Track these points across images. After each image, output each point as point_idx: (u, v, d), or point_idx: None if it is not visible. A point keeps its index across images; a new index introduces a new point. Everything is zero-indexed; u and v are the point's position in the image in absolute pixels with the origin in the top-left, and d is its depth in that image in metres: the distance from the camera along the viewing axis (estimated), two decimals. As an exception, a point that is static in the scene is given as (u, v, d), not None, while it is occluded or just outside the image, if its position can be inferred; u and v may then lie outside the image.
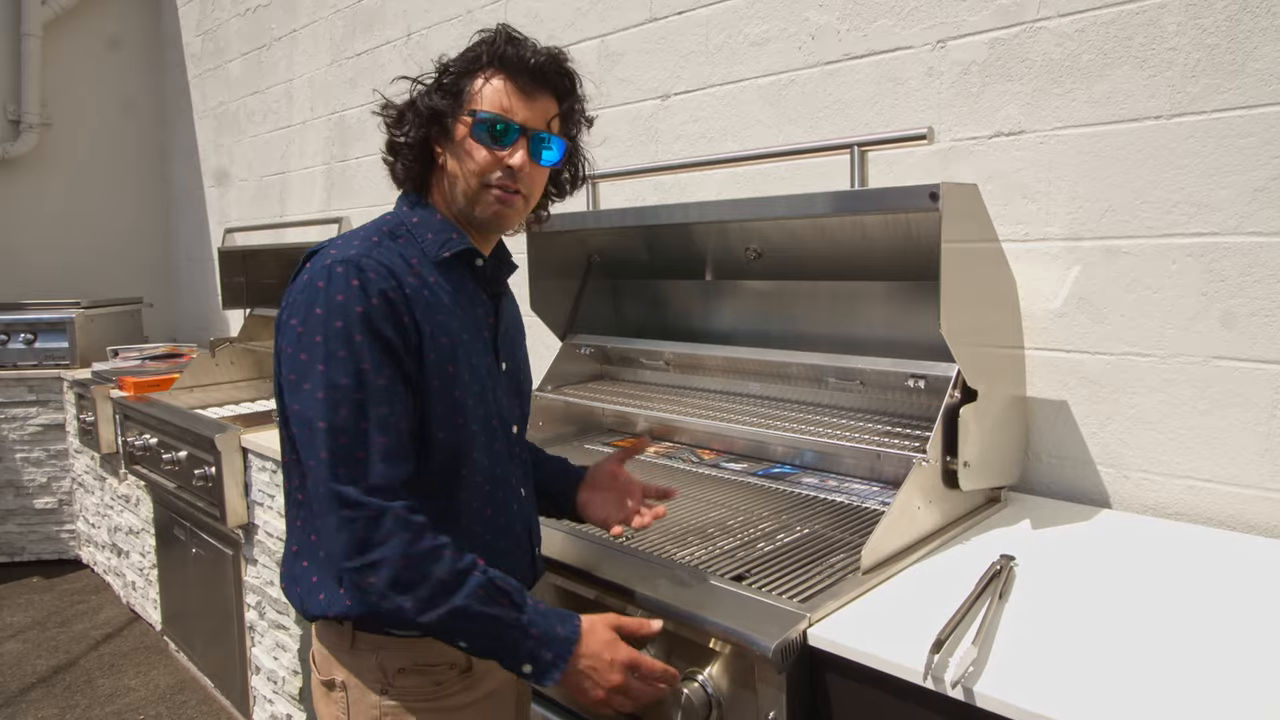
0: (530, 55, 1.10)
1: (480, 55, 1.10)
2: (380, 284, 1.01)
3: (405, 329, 1.02)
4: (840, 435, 1.60)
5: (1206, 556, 1.30)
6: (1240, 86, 1.38)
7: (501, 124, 1.08)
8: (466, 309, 1.12)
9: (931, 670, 0.95)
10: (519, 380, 1.23)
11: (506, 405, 1.18)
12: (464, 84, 1.10)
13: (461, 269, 1.14)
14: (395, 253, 1.08)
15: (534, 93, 1.10)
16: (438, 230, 1.13)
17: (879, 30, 1.81)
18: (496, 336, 1.17)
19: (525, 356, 1.30)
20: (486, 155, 1.08)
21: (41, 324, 4.10)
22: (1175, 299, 1.47)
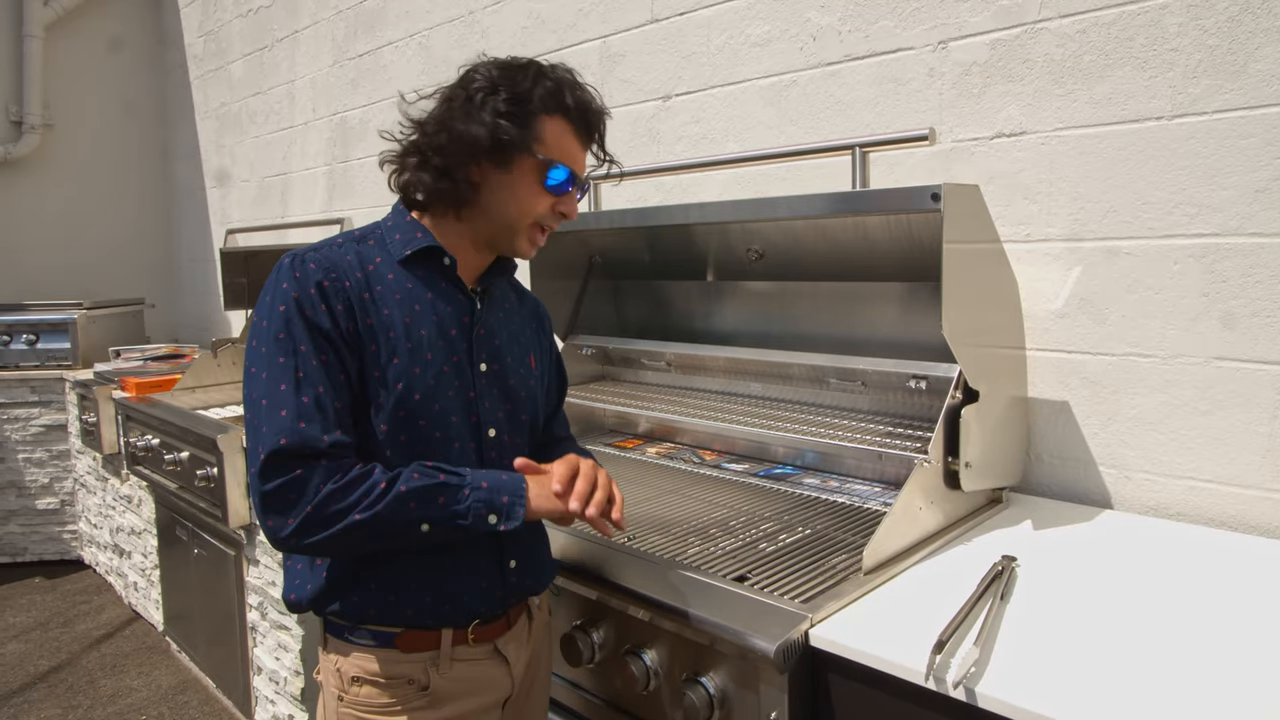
0: (594, 114, 1.14)
1: (556, 98, 1.09)
2: (317, 276, 1.05)
3: (338, 318, 1.05)
4: (842, 436, 1.61)
5: (1208, 557, 1.31)
6: (1242, 87, 1.38)
7: (569, 176, 1.12)
8: (430, 306, 1.12)
9: (933, 671, 0.95)
10: (508, 385, 1.19)
11: (486, 407, 1.16)
12: (534, 119, 1.09)
13: (430, 268, 1.14)
14: (353, 252, 1.11)
15: (587, 144, 1.16)
16: (405, 230, 1.15)
17: (880, 31, 1.81)
18: (473, 336, 1.16)
19: (528, 366, 1.25)
20: (548, 200, 1.13)
21: (44, 325, 4.11)
22: (1177, 300, 1.47)
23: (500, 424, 1.18)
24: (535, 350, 1.29)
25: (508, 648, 1.18)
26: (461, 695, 1.13)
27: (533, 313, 1.33)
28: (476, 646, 1.14)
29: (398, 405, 1.07)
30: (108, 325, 4.32)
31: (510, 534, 1.11)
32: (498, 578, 1.15)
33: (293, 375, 1.02)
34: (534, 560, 1.22)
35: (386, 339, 1.07)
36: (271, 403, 1.01)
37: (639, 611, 1.22)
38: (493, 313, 1.21)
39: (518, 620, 1.20)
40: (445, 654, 1.11)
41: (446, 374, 1.11)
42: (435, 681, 1.11)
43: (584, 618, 1.31)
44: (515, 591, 1.18)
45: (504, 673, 1.17)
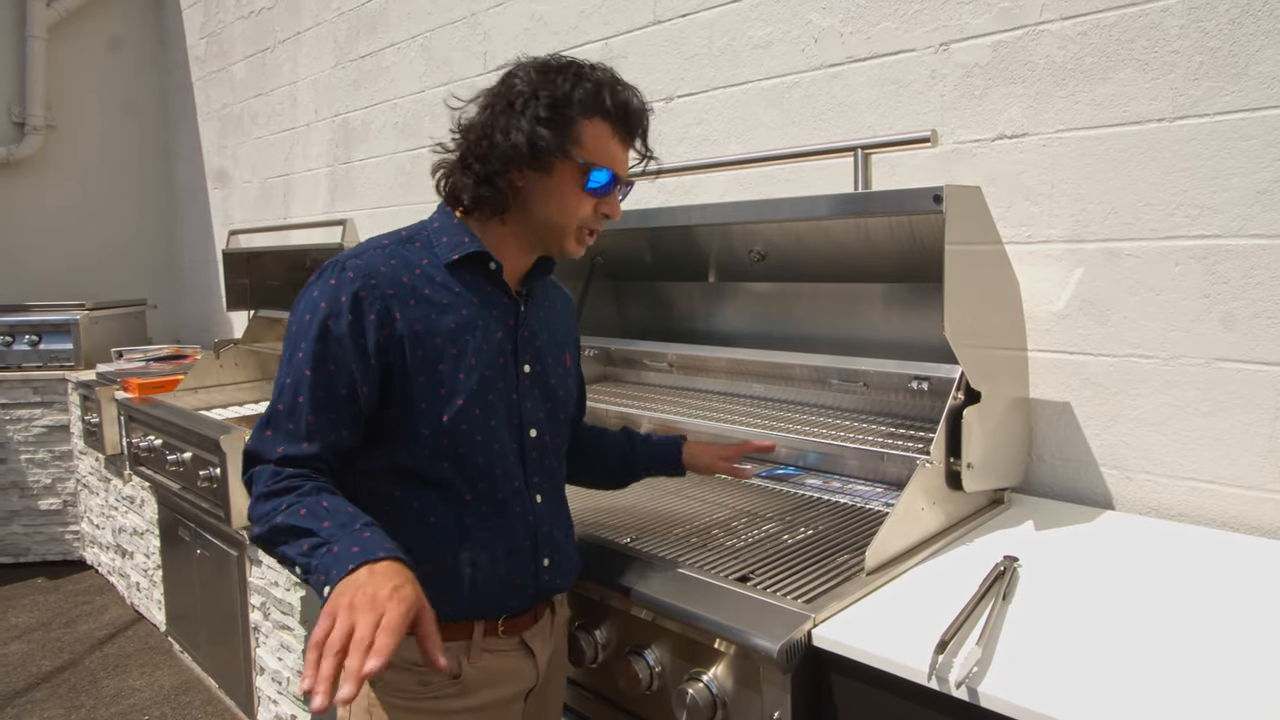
0: (636, 114, 1.14)
1: (600, 99, 1.09)
2: (354, 285, 1.06)
3: (367, 328, 1.05)
4: (844, 437, 1.61)
5: (1210, 558, 1.31)
6: (1243, 89, 1.38)
7: (611, 178, 1.12)
8: (476, 310, 1.13)
9: (936, 670, 0.96)
10: (549, 385, 1.21)
11: (528, 407, 1.17)
12: (574, 123, 1.09)
13: (476, 272, 1.15)
14: (398, 255, 1.11)
15: (628, 144, 1.16)
16: (452, 234, 1.15)
17: (882, 33, 1.81)
18: (517, 339, 1.17)
19: (565, 364, 1.27)
20: (591, 203, 1.13)
21: (46, 325, 4.11)
22: (1178, 301, 1.47)
23: (541, 424, 1.19)
24: (571, 347, 1.31)
25: (534, 640, 1.20)
26: (490, 685, 1.15)
27: (566, 307, 1.34)
28: (505, 638, 1.17)
29: (442, 410, 1.08)
30: (110, 326, 4.33)
31: (546, 534, 1.17)
32: (532, 577, 1.17)
33: (283, 381, 1.07)
34: (566, 560, 1.23)
35: (432, 345, 1.08)
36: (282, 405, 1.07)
37: (642, 612, 1.22)
38: (535, 313, 1.22)
39: (544, 614, 1.22)
40: (477, 644, 1.13)
41: (490, 377, 1.12)
42: (466, 670, 1.13)
43: (587, 618, 1.31)
44: (546, 589, 1.20)
45: (530, 664, 1.20)
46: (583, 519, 1.52)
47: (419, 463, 1.10)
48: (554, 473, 1.23)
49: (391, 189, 3.32)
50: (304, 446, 1.05)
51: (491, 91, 1.13)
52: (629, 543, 1.40)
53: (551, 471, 1.22)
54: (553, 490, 1.23)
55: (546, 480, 1.21)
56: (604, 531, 1.46)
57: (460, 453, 1.10)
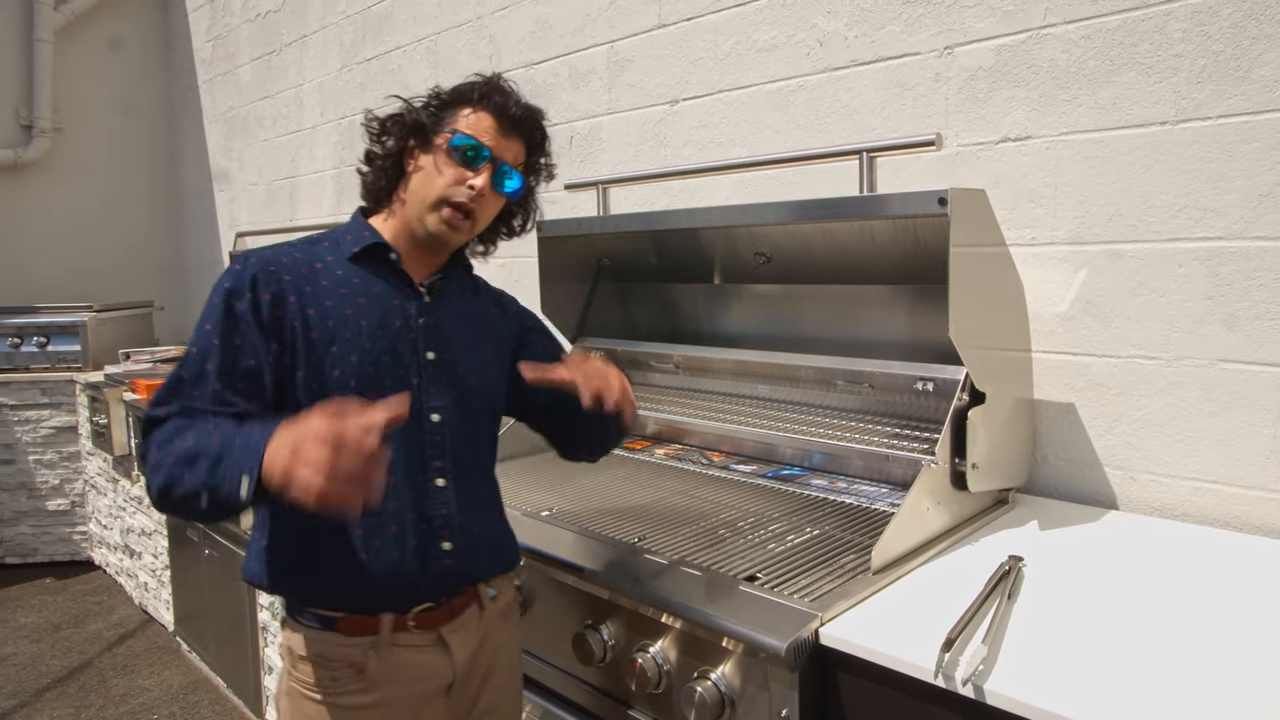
0: (514, 104, 1.23)
1: (472, 92, 1.22)
2: (252, 270, 1.14)
3: (262, 305, 1.12)
4: (849, 437, 1.62)
5: (1213, 558, 1.32)
6: (1245, 93, 1.39)
7: (475, 148, 1.19)
8: (375, 299, 1.19)
9: (942, 668, 0.97)
10: (457, 372, 1.23)
11: (431, 393, 1.20)
12: (450, 111, 1.21)
13: (378, 264, 1.21)
14: (304, 250, 1.20)
15: (510, 135, 1.23)
16: (356, 231, 1.24)
17: (886, 36, 1.83)
18: (420, 327, 1.21)
19: (483, 355, 1.29)
20: (454, 172, 1.18)
21: (54, 327, 4.14)
22: (1181, 302, 1.48)
23: (446, 409, 1.22)
24: (493, 341, 1.32)
25: (452, 636, 1.20)
26: (397, 680, 1.16)
27: (493, 304, 1.37)
28: (418, 633, 1.17)
29: (332, 391, 1.13)
30: (117, 328, 4.35)
31: (446, 517, 1.18)
32: (432, 559, 1.17)
33: (189, 352, 1.11)
34: (478, 546, 1.23)
35: (324, 328, 1.14)
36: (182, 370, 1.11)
37: (650, 610, 1.23)
38: (443, 306, 1.26)
39: (465, 609, 1.23)
40: (385, 639, 1.15)
41: (386, 362, 1.17)
42: (372, 665, 1.15)
43: (595, 616, 1.33)
44: (452, 575, 1.20)
45: (445, 660, 1.20)
46: (591, 519, 1.54)
47: None
48: (462, 457, 1.23)
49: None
50: (201, 404, 1.09)
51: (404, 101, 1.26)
52: (637, 542, 1.41)
53: (460, 456, 1.23)
54: (461, 475, 1.23)
55: (452, 465, 1.21)
56: (612, 531, 1.47)
57: None
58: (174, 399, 1.09)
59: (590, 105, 2.51)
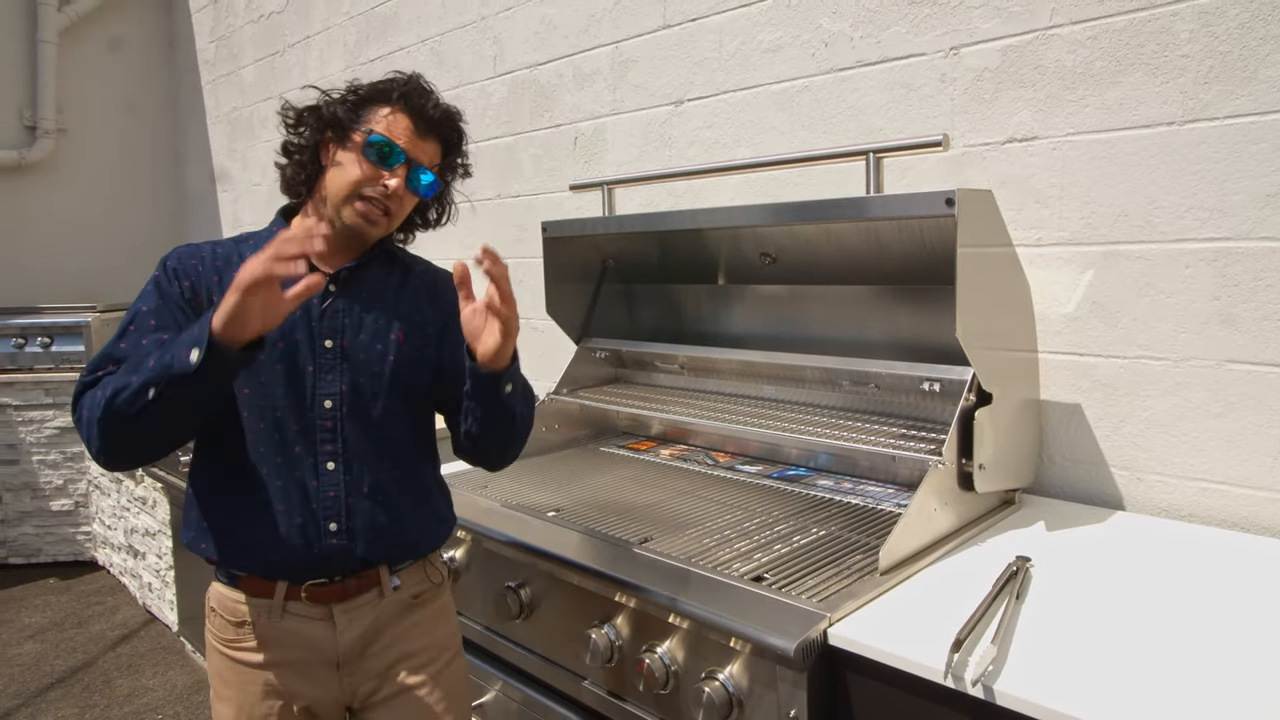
0: (432, 106, 1.26)
1: (392, 90, 1.25)
2: (173, 262, 1.24)
3: (183, 290, 1.21)
4: (855, 438, 1.62)
5: (1221, 558, 1.32)
6: (1252, 93, 1.39)
7: (390, 148, 1.23)
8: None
9: (952, 669, 0.97)
10: (358, 360, 1.25)
11: (327, 379, 1.23)
12: (368, 107, 1.25)
13: None
14: (225, 246, 1.28)
15: (426, 136, 1.27)
16: (271, 229, 1.31)
17: (892, 37, 1.83)
18: (319, 316, 1.24)
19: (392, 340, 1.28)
20: (369, 170, 1.23)
21: (58, 328, 4.14)
22: (1188, 303, 1.48)
23: (341, 396, 1.24)
24: (412, 324, 1.30)
25: (341, 616, 1.24)
26: (283, 646, 1.23)
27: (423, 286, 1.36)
28: (309, 605, 1.23)
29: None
30: (121, 328, 4.35)
31: (334, 499, 1.22)
32: (315, 538, 1.21)
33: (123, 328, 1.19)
34: (367, 530, 1.24)
35: None
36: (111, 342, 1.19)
37: (657, 611, 1.23)
38: (352, 295, 1.28)
39: (361, 593, 1.25)
40: (277, 604, 1.22)
41: (281, 348, 1.21)
42: (261, 626, 1.22)
43: (602, 617, 1.33)
44: (340, 555, 1.22)
45: (330, 636, 1.24)
46: (597, 519, 1.54)
47: (216, 427, 1.21)
48: (357, 441, 1.24)
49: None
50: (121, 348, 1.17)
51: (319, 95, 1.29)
52: (644, 543, 1.41)
53: (353, 440, 1.24)
54: (354, 459, 1.24)
55: (344, 449, 1.23)
56: (619, 532, 1.47)
57: (245, 415, 1.21)
58: (104, 364, 1.16)
59: (595, 106, 2.51)
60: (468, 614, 1.61)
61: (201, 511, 1.24)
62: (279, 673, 1.23)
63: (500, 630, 1.55)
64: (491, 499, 1.68)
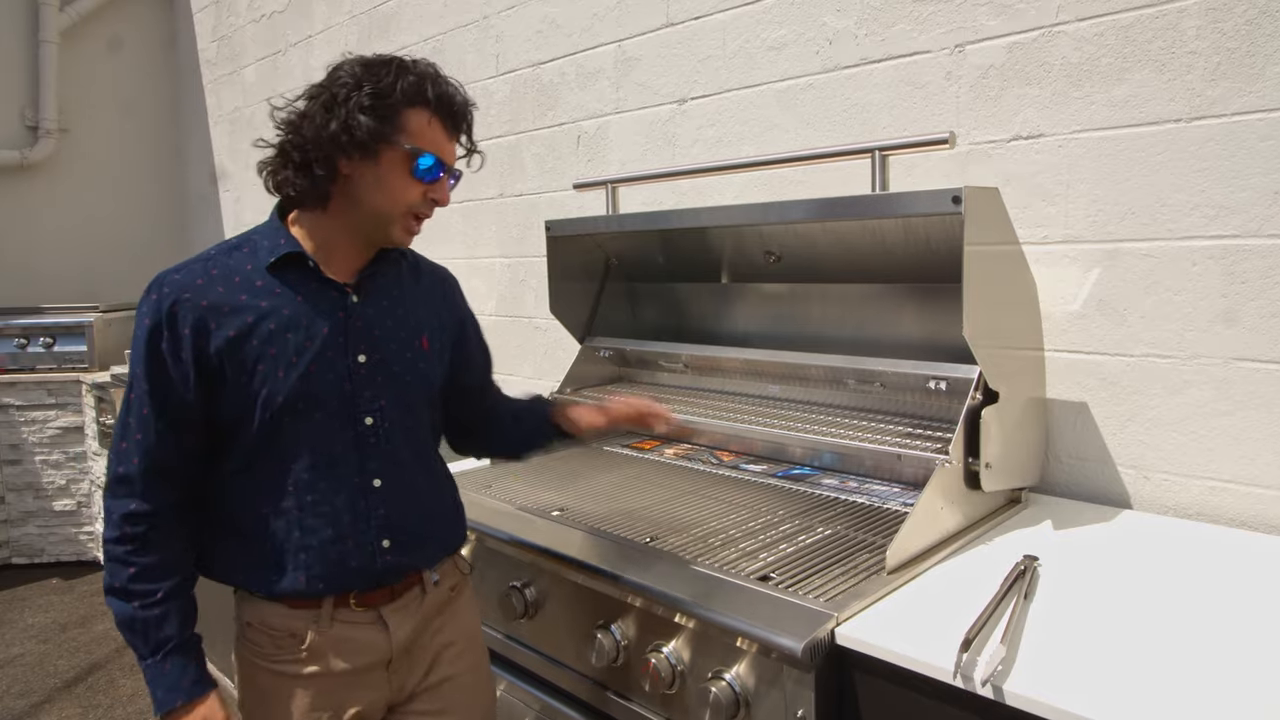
0: (459, 105, 1.19)
1: (421, 91, 1.14)
2: (169, 300, 1.12)
3: (184, 341, 1.11)
4: (860, 437, 1.61)
5: (1229, 557, 1.31)
6: (1260, 90, 1.38)
7: (438, 165, 1.17)
8: (300, 308, 1.16)
9: (961, 668, 0.96)
10: (392, 372, 1.22)
11: (365, 396, 1.19)
12: (398, 114, 1.13)
13: (298, 271, 1.18)
14: (220, 264, 1.16)
15: (454, 134, 1.21)
16: (272, 237, 1.19)
17: (896, 35, 1.82)
18: (348, 330, 1.19)
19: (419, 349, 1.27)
20: (419, 189, 1.17)
21: (60, 328, 4.14)
22: (1196, 301, 1.48)
23: (381, 412, 1.21)
24: (432, 329, 1.30)
25: (392, 616, 1.23)
26: (337, 653, 1.19)
27: (434, 287, 1.35)
28: (359, 611, 1.21)
29: (263, 409, 1.13)
30: (123, 328, 4.35)
31: (384, 517, 1.20)
32: (369, 559, 1.19)
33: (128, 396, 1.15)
34: (415, 541, 1.24)
35: (250, 348, 1.13)
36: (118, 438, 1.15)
37: (663, 610, 1.23)
38: (373, 303, 1.23)
39: (406, 591, 1.25)
40: (326, 615, 1.19)
41: (315, 372, 1.15)
42: (313, 639, 1.18)
43: (608, 616, 1.32)
44: (392, 569, 1.22)
45: (384, 638, 1.22)
46: (601, 519, 1.53)
47: (252, 457, 1.16)
48: (399, 455, 1.23)
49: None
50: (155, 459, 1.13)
51: (315, 86, 1.17)
52: (649, 542, 1.41)
53: (396, 455, 1.23)
54: (399, 473, 1.23)
55: (389, 465, 1.22)
56: (624, 531, 1.47)
57: (286, 445, 1.15)
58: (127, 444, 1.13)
59: (598, 105, 2.50)
60: (472, 614, 1.61)
61: (237, 545, 1.18)
62: (331, 681, 1.19)
63: (505, 630, 1.55)
64: (496, 499, 1.68)
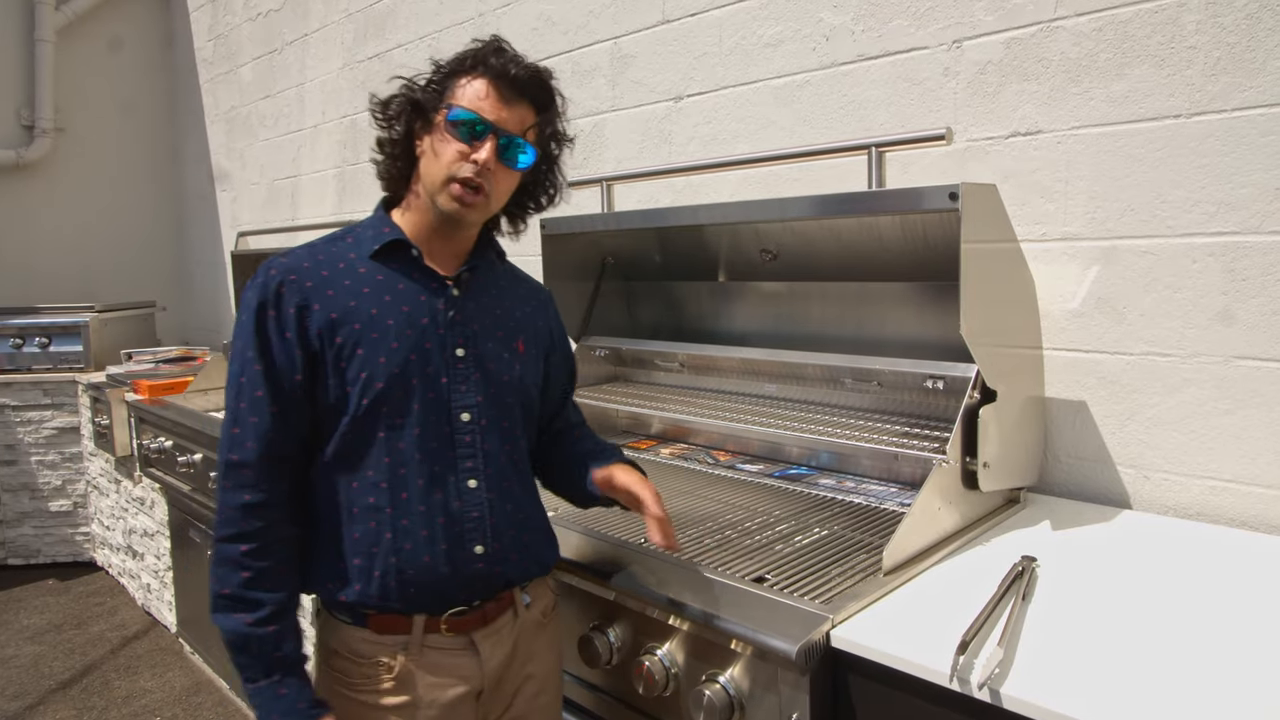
0: (513, 65, 1.15)
1: (467, 59, 1.15)
2: (276, 280, 1.11)
3: (289, 320, 1.10)
4: (857, 436, 1.60)
5: (1230, 558, 1.30)
6: (1261, 85, 1.37)
7: (472, 120, 1.12)
8: (401, 296, 1.15)
9: (957, 671, 0.95)
10: (488, 369, 1.19)
11: (461, 390, 1.16)
12: (448, 83, 1.15)
13: (400, 260, 1.17)
14: (325, 251, 1.17)
15: (512, 100, 1.14)
16: (376, 226, 1.20)
17: (894, 31, 1.80)
18: (448, 322, 1.17)
19: (515, 350, 1.25)
20: (456, 148, 1.13)
21: (56, 328, 4.12)
22: (1196, 298, 1.46)
23: (478, 408, 1.18)
24: (528, 334, 1.28)
25: (484, 642, 1.17)
26: (428, 683, 1.14)
27: (531, 295, 1.33)
28: (450, 636, 1.15)
29: (362, 394, 1.11)
30: (119, 328, 4.34)
31: (478, 520, 1.16)
32: (462, 563, 1.14)
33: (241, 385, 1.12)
34: (512, 550, 1.20)
35: (351, 331, 1.11)
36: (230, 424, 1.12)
37: (657, 612, 1.22)
38: (473, 298, 1.21)
39: (499, 615, 1.20)
40: (417, 640, 1.14)
41: (414, 361, 1.13)
42: (402, 666, 1.13)
43: (601, 619, 1.31)
44: (484, 579, 1.17)
45: (475, 665, 1.17)
46: (597, 520, 1.52)
47: (346, 448, 1.13)
48: (495, 457, 1.19)
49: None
50: (275, 445, 1.11)
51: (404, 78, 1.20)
52: (643, 543, 1.39)
53: (492, 456, 1.19)
54: (495, 475, 1.19)
55: (484, 465, 1.18)
56: (618, 532, 1.45)
57: (381, 436, 1.12)
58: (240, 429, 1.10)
59: (594, 102, 2.49)
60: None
61: (322, 548, 1.14)
62: (420, 712, 1.13)
63: (498, 632, 1.53)
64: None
